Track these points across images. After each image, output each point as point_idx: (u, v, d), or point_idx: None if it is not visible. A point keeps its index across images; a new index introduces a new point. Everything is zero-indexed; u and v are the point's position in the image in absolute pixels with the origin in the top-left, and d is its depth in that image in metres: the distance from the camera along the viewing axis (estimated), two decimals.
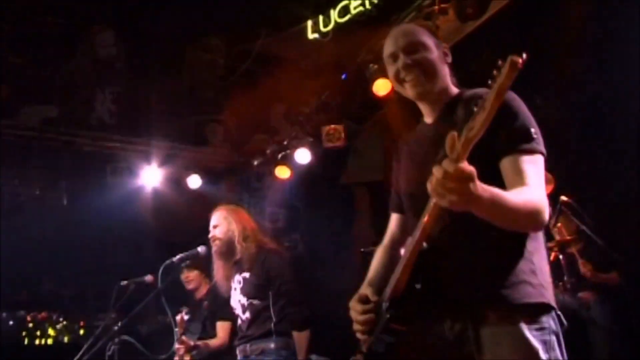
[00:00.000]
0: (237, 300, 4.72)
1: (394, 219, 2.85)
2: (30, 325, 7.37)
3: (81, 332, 8.06)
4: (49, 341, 8.15)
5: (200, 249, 4.92)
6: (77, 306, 7.48)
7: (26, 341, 8.13)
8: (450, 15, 6.17)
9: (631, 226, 6.31)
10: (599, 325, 5.23)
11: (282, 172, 8.46)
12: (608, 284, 5.65)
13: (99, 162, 7.89)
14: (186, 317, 5.04)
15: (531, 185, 2.24)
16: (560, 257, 5.79)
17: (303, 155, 8.19)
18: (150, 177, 8.17)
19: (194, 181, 8.34)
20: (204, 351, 5.28)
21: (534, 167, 2.28)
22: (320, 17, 6.45)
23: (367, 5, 6.14)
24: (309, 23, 6.55)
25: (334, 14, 6.36)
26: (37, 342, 8.14)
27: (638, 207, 5.77)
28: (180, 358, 5.02)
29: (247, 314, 4.65)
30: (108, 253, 7.40)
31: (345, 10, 6.28)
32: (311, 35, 6.53)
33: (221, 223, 4.86)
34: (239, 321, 4.76)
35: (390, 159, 2.88)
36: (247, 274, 4.69)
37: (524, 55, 1.85)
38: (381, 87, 6.97)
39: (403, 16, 6.48)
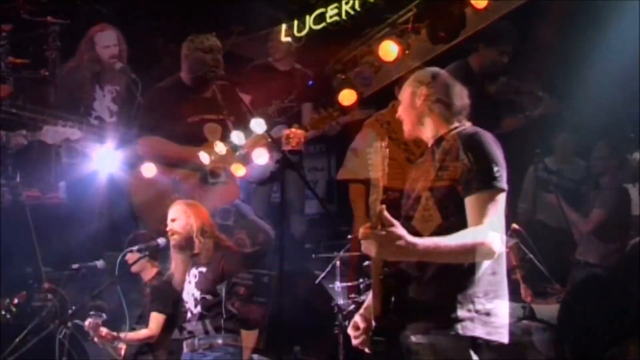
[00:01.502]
0: (191, 293, 4.72)
1: None
2: None
3: (13, 309, 7.83)
4: None
5: (160, 240, 4.87)
6: (16, 286, 7.27)
7: None
8: (422, 35, 6.30)
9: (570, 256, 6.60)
10: (537, 351, 5.41)
11: (238, 170, 8.45)
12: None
13: None
14: (100, 320, 4.81)
15: (484, 224, 2.56)
16: None
17: (260, 156, 8.21)
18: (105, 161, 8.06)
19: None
20: (129, 342, 5.06)
21: (490, 205, 2.59)
22: (295, 22, 6.49)
23: (343, 16, 6.18)
24: (283, 26, 6.58)
25: (309, 20, 6.38)
26: None
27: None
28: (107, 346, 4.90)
29: (199, 308, 4.67)
30: (55, 234, 7.22)
31: (321, 17, 6.30)
32: (284, 39, 6.56)
33: (180, 217, 4.84)
34: (189, 314, 4.76)
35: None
36: (203, 269, 4.71)
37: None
38: (346, 97, 7.05)
39: (377, 30, 6.59)
